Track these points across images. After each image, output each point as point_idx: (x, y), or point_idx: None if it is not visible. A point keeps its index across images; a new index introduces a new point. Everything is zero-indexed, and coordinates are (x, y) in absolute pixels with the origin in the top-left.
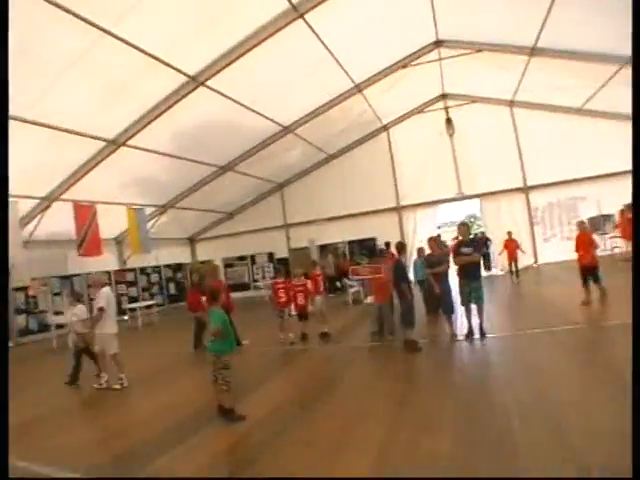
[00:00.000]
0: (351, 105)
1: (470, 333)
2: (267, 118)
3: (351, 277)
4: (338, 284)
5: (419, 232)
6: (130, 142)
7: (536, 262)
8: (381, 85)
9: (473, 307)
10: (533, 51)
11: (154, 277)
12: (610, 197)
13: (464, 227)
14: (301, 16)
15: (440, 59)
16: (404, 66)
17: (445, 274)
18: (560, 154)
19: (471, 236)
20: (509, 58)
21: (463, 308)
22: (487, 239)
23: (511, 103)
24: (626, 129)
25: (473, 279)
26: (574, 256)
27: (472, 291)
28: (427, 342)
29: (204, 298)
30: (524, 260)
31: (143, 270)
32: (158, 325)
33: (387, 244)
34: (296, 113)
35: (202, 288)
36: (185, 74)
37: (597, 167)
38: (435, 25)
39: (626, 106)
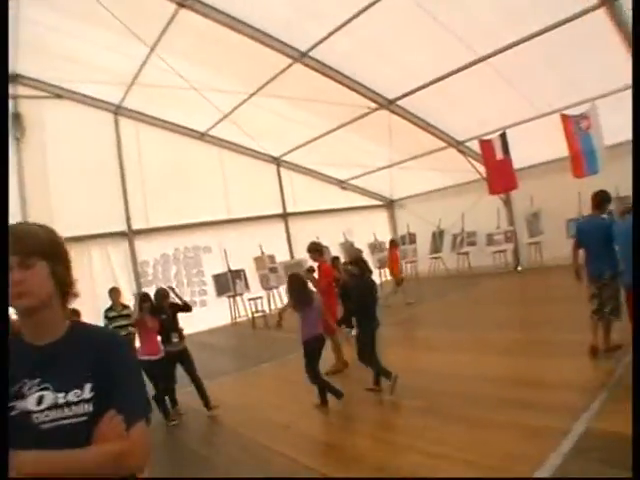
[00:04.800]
0: None
1: None
2: None
3: None
4: None
5: None
6: None
7: None
8: None
9: None
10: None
11: None
12: (240, 248)
13: None
14: None
15: None
16: None
17: None
18: (180, 190)
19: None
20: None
21: None
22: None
23: (118, 109)
24: (262, 166)
25: None
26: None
27: None
28: None
29: None
30: None
31: None
32: None
33: None
34: None
35: None
36: None
37: (223, 209)
38: None
39: (262, 133)
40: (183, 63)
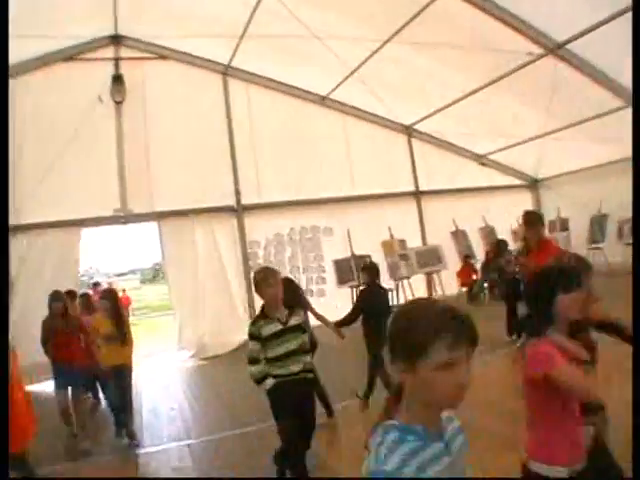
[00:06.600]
0: None
1: None
2: None
3: None
4: None
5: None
6: None
7: None
8: None
9: None
10: None
11: None
12: (365, 230)
13: None
14: None
15: None
16: None
17: None
18: (296, 162)
19: None
20: None
21: None
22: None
23: (227, 70)
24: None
25: None
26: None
27: None
28: None
29: None
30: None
31: None
32: None
33: None
34: None
35: None
36: None
37: (346, 185)
38: None
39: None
40: (301, 5)
